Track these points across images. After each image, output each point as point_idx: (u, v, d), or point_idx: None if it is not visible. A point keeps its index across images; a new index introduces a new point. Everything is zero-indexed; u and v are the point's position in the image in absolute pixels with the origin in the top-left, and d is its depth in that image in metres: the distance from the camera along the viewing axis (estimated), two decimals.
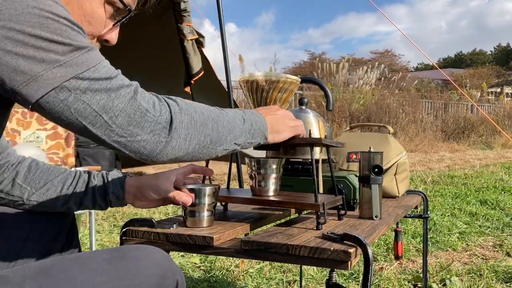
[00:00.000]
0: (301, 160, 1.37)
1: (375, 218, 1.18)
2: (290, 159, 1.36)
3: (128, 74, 0.75)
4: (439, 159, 8.41)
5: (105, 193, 1.04)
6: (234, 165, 3.21)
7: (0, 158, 1.00)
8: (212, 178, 1.18)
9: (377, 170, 1.18)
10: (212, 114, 0.83)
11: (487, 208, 4.27)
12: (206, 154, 0.82)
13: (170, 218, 1.16)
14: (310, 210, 1.22)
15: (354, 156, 1.64)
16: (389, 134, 1.76)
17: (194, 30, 3.36)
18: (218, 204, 1.16)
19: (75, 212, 1.08)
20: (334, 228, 1.06)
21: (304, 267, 2.36)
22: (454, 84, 11.53)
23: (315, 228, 1.04)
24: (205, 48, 3.47)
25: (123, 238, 1.04)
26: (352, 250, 0.85)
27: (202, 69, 3.33)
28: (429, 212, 1.92)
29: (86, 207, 1.05)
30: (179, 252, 2.24)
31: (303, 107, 1.41)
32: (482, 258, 2.88)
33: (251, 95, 1.13)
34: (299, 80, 1.16)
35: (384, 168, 1.39)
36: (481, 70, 24.49)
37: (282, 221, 1.19)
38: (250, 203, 1.23)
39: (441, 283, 2.41)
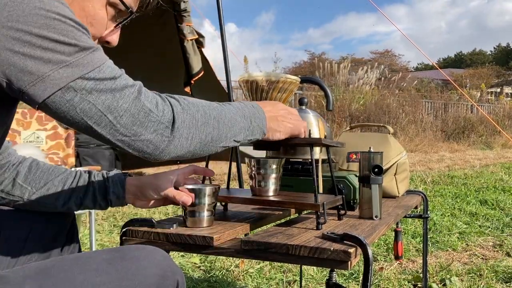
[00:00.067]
0: (301, 160, 1.37)
1: (375, 218, 1.18)
2: (290, 159, 1.36)
3: (128, 74, 0.76)
4: (439, 159, 8.41)
5: (105, 192, 1.04)
6: (234, 165, 3.21)
7: (1, 158, 1.00)
8: (212, 178, 1.18)
9: (377, 170, 1.18)
10: (213, 112, 0.84)
11: (487, 208, 4.27)
12: (207, 152, 0.84)
13: (170, 218, 1.16)
14: (310, 210, 1.22)
15: (354, 156, 1.64)
16: (389, 134, 1.76)
17: (194, 30, 3.36)
18: (218, 204, 1.16)
19: (75, 212, 1.08)
20: (334, 228, 1.07)
21: (304, 267, 2.36)
22: (454, 84, 11.52)
23: (315, 228, 1.04)
24: (205, 48, 3.47)
25: (123, 238, 1.04)
26: (352, 250, 0.85)
27: (202, 69, 3.33)
28: (429, 212, 1.92)
29: (86, 207, 1.05)
30: (179, 252, 2.24)
31: (303, 107, 1.41)
32: (482, 258, 2.88)
33: (251, 95, 1.13)
34: (299, 80, 1.16)
35: (384, 168, 1.39)
36: (481, 70, 24.49)
37: (282, 221, 1.19)
38: (250, 203, 1.23)
39: (441, 283, 2.41)
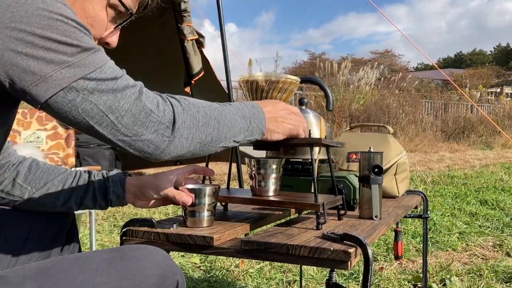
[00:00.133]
0: (301, 160, 1.37)
1: (375, 218, 1.18)
2: (290, 159, 1.36)
3: (128, 75, 0.76)
4: (439, 159, 8.41)
5: (105, 192, 1.04)
6: (234, 165, 3.21)
7: (1, 158, 1.00)
8: (212, 178, 1.18)
9: (377, 170, 1.18)
10: (214, 113, 0.84)
11: (487, 208, 4.27)
12: (207, 152, 0.84)
13: (170, 218, 1.16)
14: (310, 210, 1.22)
15: (354, 156, 1.64)
16: (389, 134, 1.76)
17: (194, 30, 3.36)
18: (218, 204, 1.16)
19: (76, 212, 1.08)
20: (334, 228, 1.07)
21: (304, 267, 2.36)
22: (454, 84, 11.51)
23: (315, 228, 1.04)
24: (205, 48, 3.47)
25: (123, 238, 1.04)
26: (352, 250, 0.85)
27: (202, 69, 3.33)
28: (429, 212, 1.92)
29: (86, 207, 1.05)
30: (179, 252, 2.24)
31: (303, 107, 1.41)
32: (482, 258, 2.88)
33: (251, 95, 1.13)
34: (299, 80, 1.16)
35: (384, 168, 1.39)
36: (481, 70, 24.48)
37: (282, 221, 1.19)
38: (250, 203, 1.23)
39: (441, 283, 2.41)
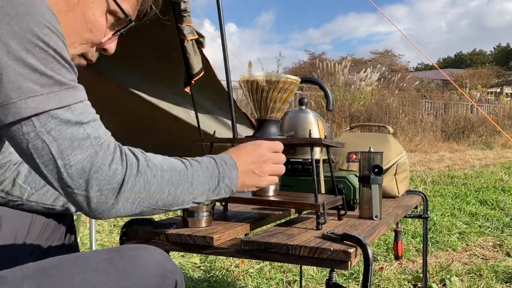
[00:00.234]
0: (301, 160, 1.37)
1: (375, 218, 1.18)
2: (290, 159, 1.36)
3: (128, 75, 0.75)
4: (439, 159, 8.41)
5: None
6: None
7: (2, 157, 1.00)
8: None
9: (377, 170, 1.18)
10: (174, 178, 0.78)
11: (487, 208, 4.27)
12: (155, 214, 0.80)
13: (170, 218, 1.16)
14: (310, 210, 1.22)
15: (354, 156, 1.64)
16: (389, 134, 1.76)
17: (194, 30, 3.36)
18: (218, 204, 1.15)
19: (75, 212, 1.08)
20: (334, 228, 1.06)
21: (304, 267, 2.36)
22: (454, 84, 11.50)
23: (315, 228, 1.04)
24: (205, 48, 3.46)
25: (123, 238, 1.04)
26: (352, 250, 0.85)
27: (202, 69, 3.32)
28: (429, 212, 1.92)
29: None
30: (179, 252, 2.24)
31: (303, 107, 1.41)
32: (482, 258, 2.88)
33: (251, 95, 1.13)
34: (299, 80, 1.16)
35: (384, 168, 1.39)
36: (481, 70, 24.47)
37: (282, 221, 1.19)
38: (250, 203, 1.23)
39: (441, 283, 2.41)
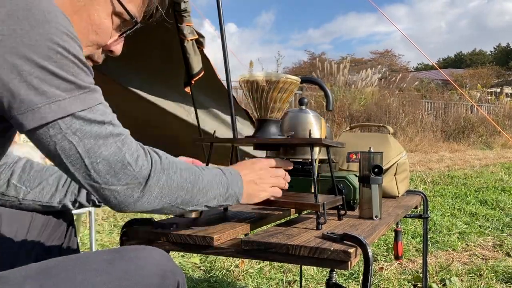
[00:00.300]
0: (301, 160, 1.37)
1: (375, 218, 1.18)
2: (290, 159, 1.36)
3: (128, 75, 0.75)
4: (439, 159, 8.41)
5: None
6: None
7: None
8: None
9: (377, 170, 1.18)
10: (191, 177, 0.83)
11: (487, 208, 4.27)
12: (173, 212, 0.83)
13: (170, 218, 1.16)
14: (310, 210, 1.22)
15: (354, 156, 1.64)
16: (389, 134, 1.76)
17: (194, 30, 3.35)
18: None
19: (75, 212, 1.08)
20: (334, 228, 1.07)
21: (304, 267, 2.36)
22: (454, 84, 11.50)
23: (315, 228, 1.04)
24: (205, 48, 3.46)
25: (123, 238, 1.04)
26: (352, 250, 0.85)
27: (202, 69, 3.32)
28: (429, 212, 1.92)
29: (81, 204, 1.06)
30: (179, 252, 2.24)
31: (303, 107, 1.42)
32: (482, 258, 2.88)
33: (251, 95, 1.13)
34: (299, 80, 1.16)
35: (384, 168, 1.39)
36: (481, 70, 24.47)
37: (282, 221, 1.19)
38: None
39: (441, 283, 2.41)
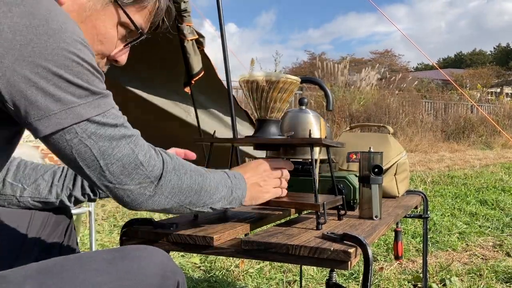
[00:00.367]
0: (301, 160, 1.37)
1: (375, 218, 1.18)
2: (290, 159, 1.36)
3: (128, 75, 0.76)
4: (439, 159, 8.41)
5: None
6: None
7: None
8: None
9: (377, 170, 1.18)
10: (199, 178, 0.86)
11: (487, 208, 4.27)
12: (180, 212, 0.86)
13: (170, 218, 1.16)
14: (310, 210, 1.22)
15: (354, 156, 1.64)
16: (389, 134, 1.76)
17: (194, 30, 3.35)
18: None
19: (73, 211, 1.09)
20: (334, 228, 1.07)
21: (304, 267, 2.36)
22: (454, 84, 11.49)
23: (315, 228, 1.04)
24: (205, 48, 3.46)
25: (123, 238, 1.04)
26: (352, 250, 0.85)
27: (202, 69, 3.33)
28: (429, 212, 1.92)
29: (76, 199, 1.06)
30: (179, 252, 2.24)
31: (303, 107, 1.42)
32: (482, 258, 2.89)
33: (251, 95, 1.13)
34: (299, 80, 1.16)
35: (384, 168, 1.39)
36: (481, 70, 24.47)
37: (282, 221, 1.19)
38: None
39: (441, 283, 2.41)
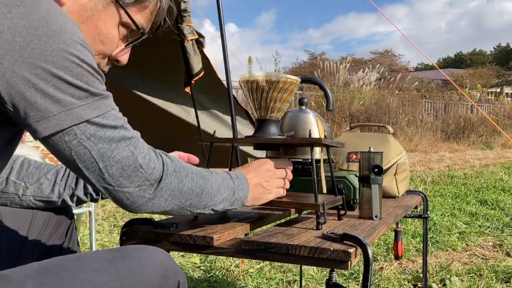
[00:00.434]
0: (301, 160, 1.37)
1: (375, 218, 1.18)
2: (290, 159, 1.36)
3: (128, 75, 0.76)
4: (439, 159, 8.41)
5: None
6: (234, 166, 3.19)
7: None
8: None
9: (377, 170, 1.18)
10: (200, 180, 0.85)
11: (487, 208, 4.28)
12: (181, 214, 0.86)
13: (170, 218, 1.16)
14: (310, 210, 1.23)
15: (354, 156, 1.65)
16: (389, 134, 1.76)
17: (194, 30, 3.35)
18: None
19: (74, 211, 1.09)
20: (334, 228, 1.07)
21: (304, 267, 2.36)
22: (454, 84, 11.49)
23: (315, 228, 1.04)
24: (205, 48, 3.46)
25: (123, 238, 1.04)
26: (352, 250, 0.85)
27: (202, 69, 3.32)
28: (429, 212, 1.92)
29: (79, 198, 1.06)
30: (179, 252, 2.24)
31: (303, 107, 1.42)
32: (482, 258, 2.89)
33: (251, 95, 1.13)
34: (299, 80, 1.16)
35: (384, 168, 1.39)
36: (481, 70, 24.46)
37: (282, 221, 1.19)
38: None
39: (441, 283, 2.41)
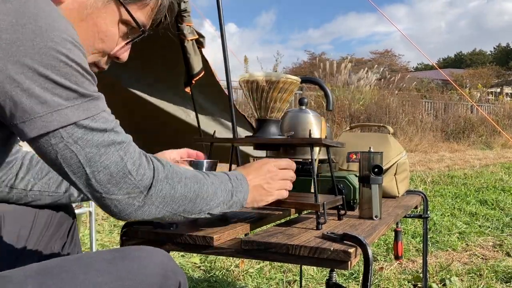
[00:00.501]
0: (301, 160, 1.37)
1: (375, 218, 1.18)
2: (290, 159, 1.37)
3: (128, 75, 0.76)
4: (439, 159, 8.41)
5: None
6: (234, 166, 3.19)
7: (10, 153, 1.01)
8: None
9: (377, 170, 1.18)
10: (195, 186, 0.82)
11: (487, 208, 4.28)
12: (174, 219, 0.83)
13: None
14: (310, 210, 1.23)
15: (354, 156, 1.65)
16: (389, 134, 1.76)
17: (194, 30, 3.35)
18: None
19: (78, 201, 1.09)
20: (334, 228, 1.07)
21: (304, 267, 2.36)
22: (454, 84, 11.50)
23: (315, 228, 1.04)
24: (205, 48, 3.46)
25: (123, 238, 1.04)
26: (352, 250, 0.85)
27: (202, 69, 3.33)
28: (429, 212, 1.92)
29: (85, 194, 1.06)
30: (179, 252, 2.24)
31: (303, 107, 1.42)
32: (482, 258, 2.89)
33: (251, 95, 1.13)
34: (299, 80, 1.16)
35: (384, 168, 1.40)
36: (481, 70, 24.46)
37: (282, 221, 1.19)
38: None
39: (441, 283, 2.41)
